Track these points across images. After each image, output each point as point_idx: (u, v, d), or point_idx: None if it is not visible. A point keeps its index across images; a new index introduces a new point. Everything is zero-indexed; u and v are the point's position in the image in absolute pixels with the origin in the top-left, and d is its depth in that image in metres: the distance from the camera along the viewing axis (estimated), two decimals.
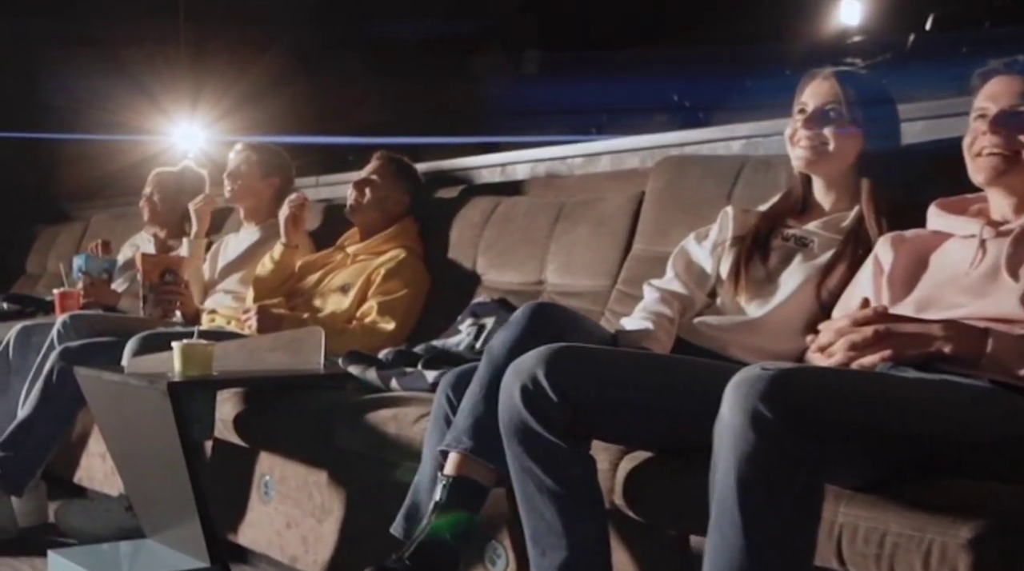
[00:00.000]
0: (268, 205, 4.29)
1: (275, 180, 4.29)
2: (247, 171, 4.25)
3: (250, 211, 4.30)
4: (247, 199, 4.27)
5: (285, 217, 3.91)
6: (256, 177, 4.26)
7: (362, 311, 3.62)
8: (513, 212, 3.64)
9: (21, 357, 3.94)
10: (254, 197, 4.27)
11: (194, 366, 2.85)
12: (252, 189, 4.26)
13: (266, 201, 4.28)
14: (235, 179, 4.25)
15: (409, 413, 2.64)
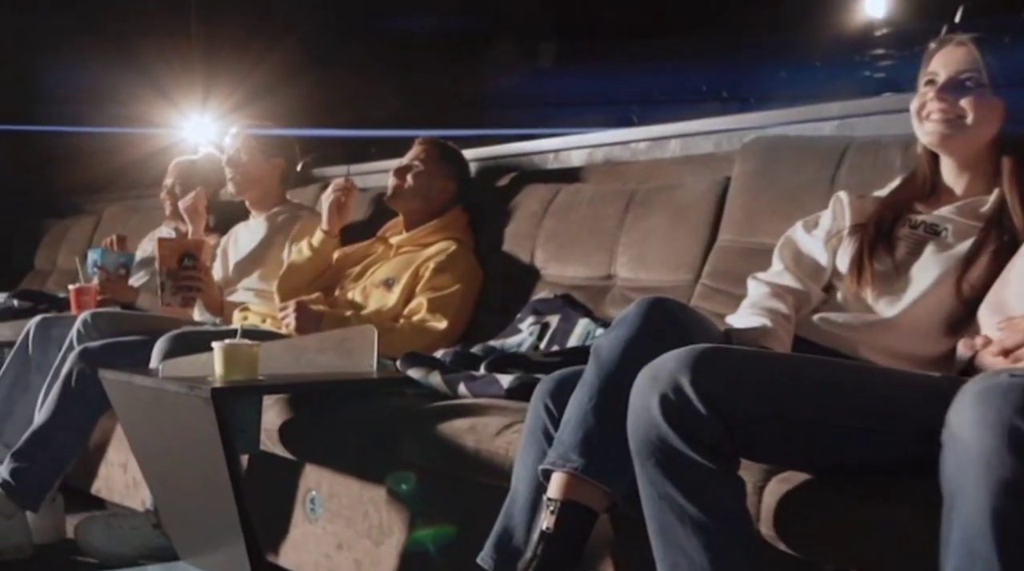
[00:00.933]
0: (276, 191, 3.93)
1: (279, 162, 3.92)
2: (248, 157, 3.88)
3: (257, 200, 3.93)
4: (253, 187, 3.90)
5: (330, 202, 3.53)
6: (258, 161, 3.89)
7: (410, 308, 3.26)
8: (575, 201, 3.27)
9: (41, 352, 3.57)
10: (260, 184, 3.90)
11: (238, 369, 2.49)
12: (256, 175, 3.89)
13: (273, 187, 3.92)
14: (236, 167, 3.88)
15: (489, 424, 2.28)
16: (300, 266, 3.53)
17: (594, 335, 2.91)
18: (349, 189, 3.56)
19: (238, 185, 3.86)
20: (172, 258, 3.55)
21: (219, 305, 3.60)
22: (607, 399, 1.87)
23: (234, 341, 2.50)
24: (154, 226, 4.76)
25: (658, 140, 3.39)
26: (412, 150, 3.55)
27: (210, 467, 2.46)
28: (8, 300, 4.29)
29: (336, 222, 3.55)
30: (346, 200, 3.55)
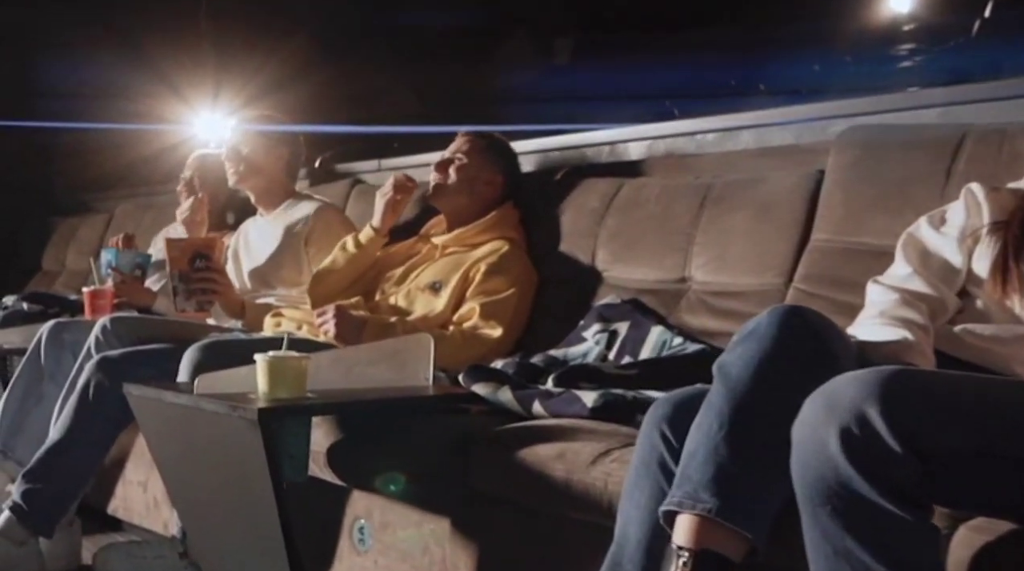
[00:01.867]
0: (281, 184, 3.60)
1: (283, 152, 3.59)
2: (248, 149, 3.55)
3: (261, 195, 3.61)
4: (254, 180, 3.57)
5: (387, 199, 3.19)
6: (259, 153, 3.57)
7: (460, 314, 2.92)
8: (641, 196, 2.94)
9: (54, 360, 3.23)
10: (263, 178, 3.57)
11: (285, 386, 2.15)
12: (257, 168, 3.56)
13: (277, 179, 3.59)
14: (235, 161, 3.56)
15: (581, 450, 1.94)
16: (339, 267, 3.19)
17: (671, 345, 2.59)
18: (410, 187, 3.23)
19: (237, 176, 3.54)
20: (183, 259, 3.20)
21: (239, 307, 3.26)
22: (741, 427, 1.55)
23: (280, 354, 2.16)
24: (169, 224, 4.42)
25: (728, 131, 3.06)
26: (454, 142, 3.21)
27: (252, 495, 2.12)
28: (17, 303, 3.94)
29: (389, 221, 3.22)
30: (406, 198, 3.22)
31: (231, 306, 3.24)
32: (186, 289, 3.17)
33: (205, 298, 3.18)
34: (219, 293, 3.20)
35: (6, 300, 4.02)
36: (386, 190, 3.21)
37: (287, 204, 3.53)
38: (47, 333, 3.28)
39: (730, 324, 2.56)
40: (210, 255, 3.20)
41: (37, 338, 3.28)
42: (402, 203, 3.22)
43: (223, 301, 3.22)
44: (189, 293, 3.17)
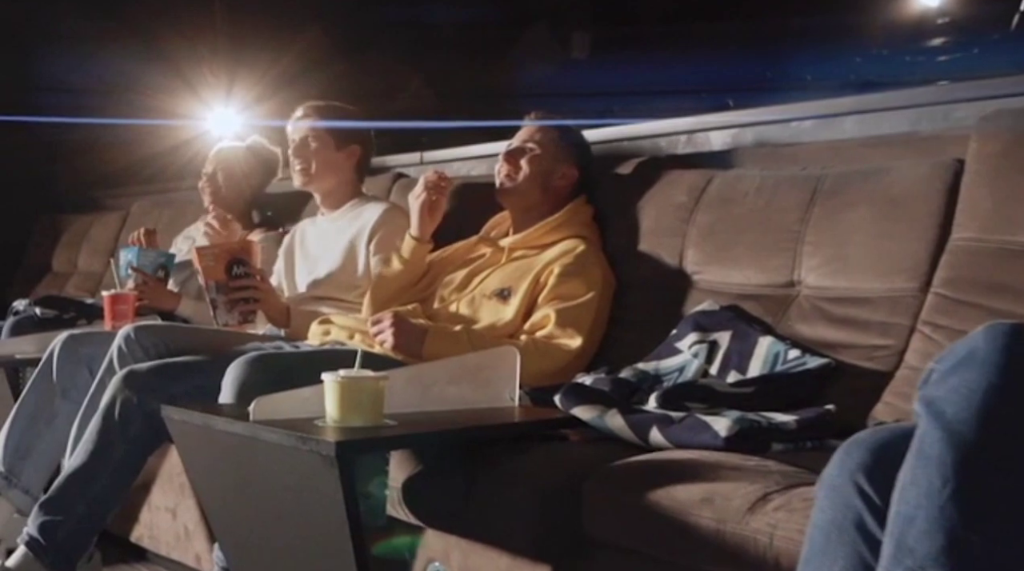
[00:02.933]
0: (350, 182, 3.20)
1: (355, 148, 3.19)
2: (318, 144, 3.14)
3: (328, 194, 3.19)
4: (324, 179, 3.16)
5: (420, 202, 2.80)
6: (331, 148, 3.15)
7: (533, 322, 2.54)
8: (737, 190, 2.55)
9: (68, 375, 2.85)
10: (331, 175, 3.16)
11: (360, 411, 1.77)
12: (328, 164, 3.15)
13: (347, 178, 3.19)
14: (304, 157, 3.14)
15: (732, 494, 1.56)
16: (389, 280, 2.82)
17: (786, 358, 2.21)
18: (443, 185, 2.83)
19: (305, 176, 3.12)
20: (218, 269, 2.81)
21: (284, 314, 2.87)
22: (973, 483, 1.18)
23: (355, 373, 1.78)
24: (189, 222, 4.03)
25: (827, 118, 2.68)
26: (523, 130, 2.83)
27: (322, 539, 1.74)
28: (28, 308, 3.54)
29: (428, 225, 2.83)
30: (440, 197, 2.83)
31: (276, 314, 2.85)
32: (226, 301, 2.77)
33: (248, 308, 2.79)
34: (262, 301, 2.80)
35: (16, 304, 3.62)
36: (418, 192, 2.82)
37: (352, 204, 3.15)
38: (60, 346, 2.89)
39: (854, 334, 2.20)
40: (247, 260, 2.81)
41: (50, 351, 2.89)
42: (438, 204, 2.83)
43: (267, 309, 2.83)
44: (230, 305, 2.78)
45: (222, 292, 2.77)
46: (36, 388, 2.87)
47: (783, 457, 1.79)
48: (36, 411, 2.84)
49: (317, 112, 3.13)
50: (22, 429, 2.83)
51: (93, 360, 2.83)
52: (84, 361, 2.86)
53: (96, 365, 2.78)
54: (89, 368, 2.83)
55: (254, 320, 2.82)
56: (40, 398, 2.85)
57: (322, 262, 3.05)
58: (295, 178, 3.13)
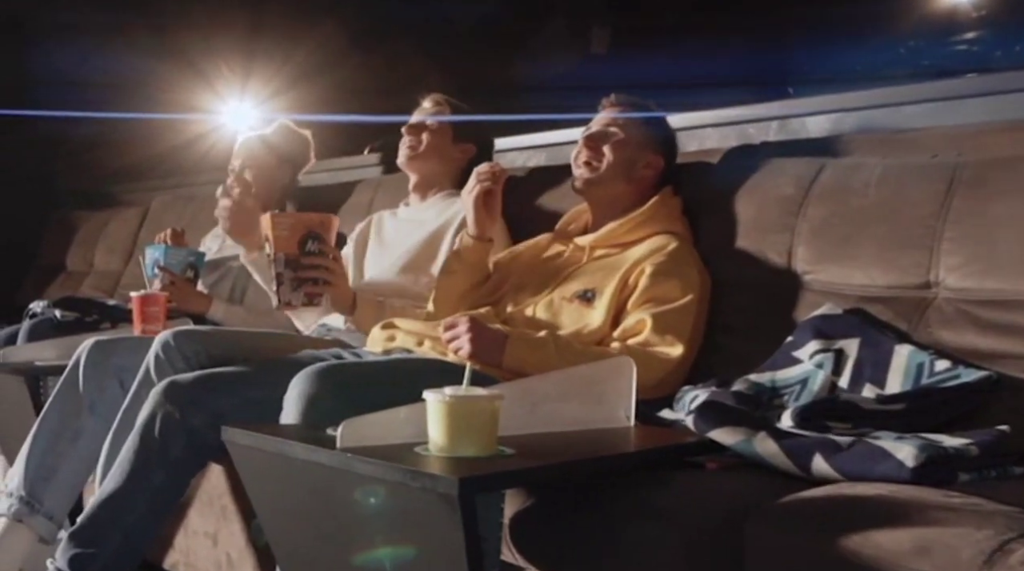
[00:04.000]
0: (451, 178, 2.87)
1: (470, 147, 2.87)
2: (439, 128, 2.82)
3: (424, 180, 2.86)
4: (428, 163, 2.83)
5: (475, 196, 2.47)
6: (447, 137, 2.83)
7: (626, 328, 2.21)
8: (855, 180, 2.22)
9: (96, 388, 2.51)
10: (438, 162, 2.83)
11: (472, 438, 1.44)
12: (438, 150, 2.82)
13: (450, 172, 2.86)
14: (415, 135, 2.82)
15: (955, 543, 1.23)
16: (450, 283, 2.49)
17: (933, 370, 1.89)
18: (498, 175, 2.50)
19: (412, 152, 2.81)
20: (292, 241, 2.43)
21: (351, 301, 2.52)
22: None
23: (461, 393, 1.45)
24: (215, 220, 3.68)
25: (943, 102, 2.36)
26: (603, 112, 2.50)
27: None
28: (47, 310, 3.18)
29: (485, 222, 2.49)
30: (496, 190, 2.49)
31: (343, 300, 2.49)
32: (294, 278, 2.42)
33: (316, 290, 2.44)
34: (333, 284, 2.46)
35: (34, 306, 3.26)
36: (471, 186, 2.48)
37: (442, 195, 2.83)
38: (87, 354, 2.55)
39: (1013, 343, 1.87)
40: (324, 236, 2.45)
41: (75, 359, 2.55)
42: (494, 197, 2.49)
43: (336, 294, 2.48)
44: (297, 283, 2.42)
45: (291, 267, 2.41)
46: (60, 401, 2.53)
47: (972, 489, 1.47)
48: (60, 427, 2.51)
49: (447, 105, 2.83)
50: (44, 448, 2.50)
51: (124, 371, 2.50)
52: (113, 372, 2.53)
53: (127, 377, 2.45)
54: (119, 380, 2.51)
55: (320, 303, 2.47)
56: (64, 413, 2.52)
57: (398, 252, 2.73)
58: (400, 155, 2.81)
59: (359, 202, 3.31)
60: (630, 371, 1.76)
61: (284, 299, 2.43)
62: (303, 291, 2.44)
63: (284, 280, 2.42)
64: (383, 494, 1.40)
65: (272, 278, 2.43)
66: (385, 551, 1.47)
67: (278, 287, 2.42)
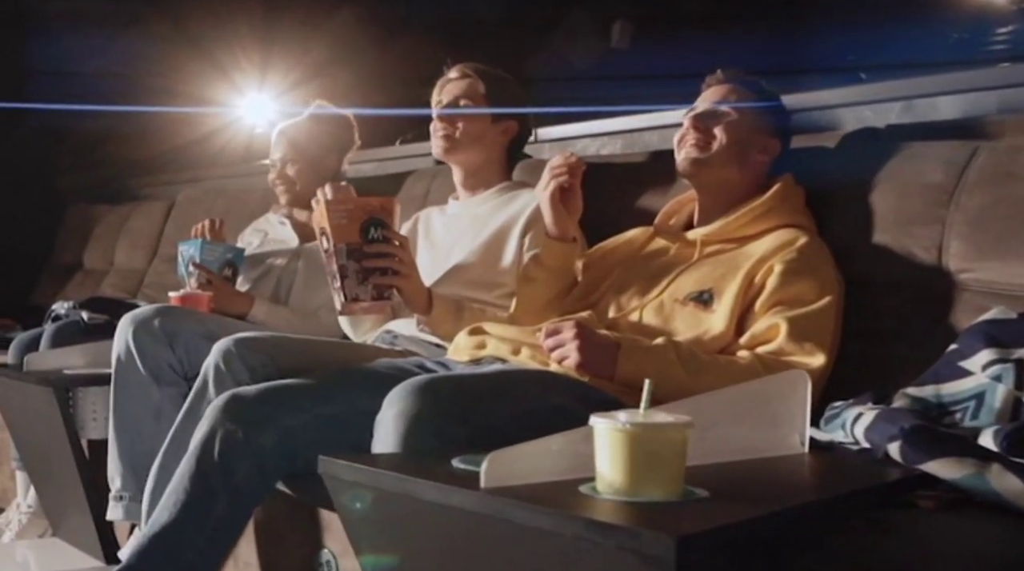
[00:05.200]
0: (499, 164, 2.55)
1: (511, 124, 2.54)
2: (471, 107, 2.49)
3: (471, 172, 2.52)
4: (469, 153, 2.49)
5: (550, 193, 2.14)
6: (484, 117, 2.49)
7: (755, 335, 1.89)
8: (1016, 165, 1.91)
9: (153, 358, 2.21)
10: (481, 150, 2.50)
11: (659, 476, 1.12)
12: (477, 136, 2.49)
13: (497, 157, 2.54)
14: (449, 122, 2.47)
15: None
16: (533, 290, 2.16)
17: None
18: (575, 167, 2.16)
19: (448, 143, 2.45)
20: (352, 229, 2.09)
21: (426, 297, 2.19)
22: None
23: (645, 419, 1.13)
24: (252, 212, 3.35)
25: None
26: (709, 90, 2.17)
27: None
28: (72, 312, 2.84)
29: (565, 221, 2.16)
30: (572, 185, 2.16)
31: (417, 294, 2.16)
32: (359, 269, 2.08)
33: (386, 281, 2.10)
34: (404, 275, 2.13)
35: (57, 308, 2.92)
36: (545, 181, 2.15)
37: (500, 189, 2.50)
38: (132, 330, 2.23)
39: None
40: (388, 222, 2.12)
41: (123, 344, 2.22)
42: (573, 192, 2.16)
43: (409, 288, 2.14)
44: (363, 276, 2.09)
45: (354, 258, 2.08)
46: (123, 391, 2.22)
47: None
48: (137, 412, 2.19)
49: (478, 75, 2.48)
50: (131, 444, 2.18)
51: (175, 337, 2.20)
52: (163, 339, 2.23)
53: (179, 343, 2.15)
54: (171, 346, 2.20)
55: (391, 296, 2.13)
56: (134, 399, 2.20)
57: (455, 254, 2.39)
58: (434, 146, 2.47)
59: (413, 194, 2.99)
60: (805, 388, 1.44)
61: (351, 294, 2.10)
62: (371, 283, 2.11)
63: (348, 273, 2.09)
64: (550, 550, 1.08)
65: (334, 275, 2.11)
66: None
67: (342, 282, 2.09)
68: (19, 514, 2.78)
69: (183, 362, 2.23)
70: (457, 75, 2.53)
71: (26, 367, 2.49)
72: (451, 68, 2.57)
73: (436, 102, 2.54)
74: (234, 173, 3.85)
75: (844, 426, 1.63)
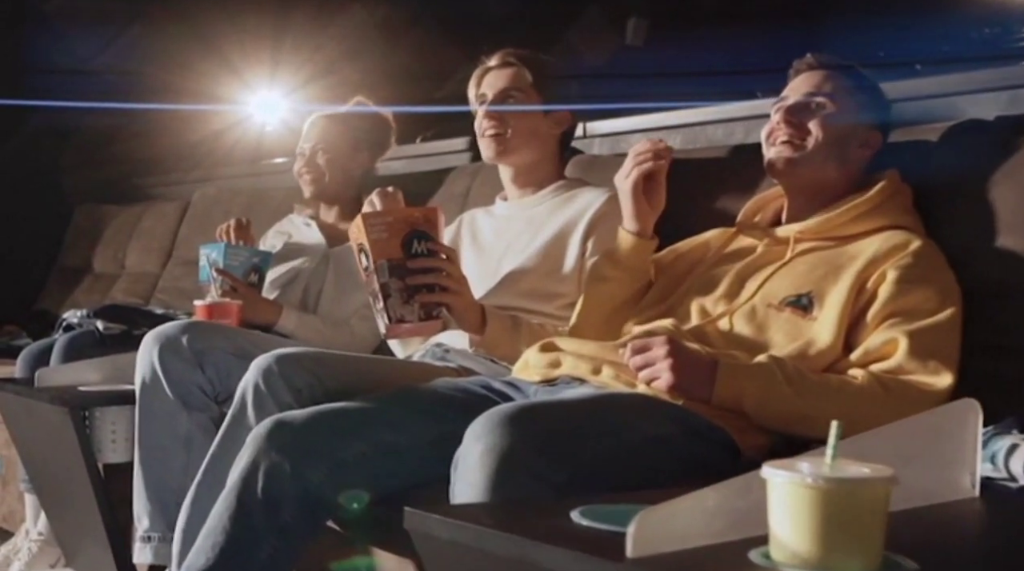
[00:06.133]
0: (554, 160, 2.30)
1: (565, 115, 2.29)
2: (521, 100, 2.23)
3: (524, 171, 2.27)
4: (523, 151, 2.23)
5: (632, 181, 1.88)
6: (533, 115, 2.24)
7: (870, 350, 1.64)
8: None
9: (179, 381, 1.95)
10: (535, 146, 2.24)
11: (860, 544, 0.87)
12: (531, 132, 2.23)
13: (551, 153, 2.29)
14: (500, 120, 2.20)
15: None
16: (605, 292, 1.91)
17: None
18: (663, 153, 1.90)
19: (500, 145, 2.19)
20: (393, 243, 1.84)
21: (478, 314, 1.93)
22: None
23: (838, 475, 0.88)
24: (269, 216, 3.10)
25: None
26: (799, 78, 1.92)
27: None
28: (86, 321, 2.57)
29: (648, 214, 1.89)
30: (657, 175, 1.90)
31: (469, 311, 1.90)
32: (403, 287, 1.82)
33: (433, 299, 1.85)
34: (453, 291, 1.87)
35: (69, 316, 2.65)
36: (627, 169, 1.89)
37: (556, 187, 2.24)
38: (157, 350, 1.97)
39: None
40: (432, 234, 1.87)
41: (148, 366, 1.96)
42: (657, 182, 1.90)
43: (458, 303, 1.89)
44: (408, 293, 1.83)
45: (397, 275, 1.82)
46: (149, 418, 1.96)
47: None
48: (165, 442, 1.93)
49: (522, 62, 2.22)
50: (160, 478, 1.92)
51: (204, 356, 1.94)
52: (191, 359, 1.97)
53: (208, 363, 1.90)
54: (200, 367, 1.94)
55: (440, 315, 1.87)
56: (161, 427, 1.94)
57: (508, 261, 2.13)
58: (485, 148, 2.22)
59: (452, 193, 2.73)
60: (976, 420, 1.20)
61: (395, 315, 1.84)
62: (417, 302, 1.85)
63: (391, 291, 1.83)
64: None
65: (375, 295, 1.85)
66: None
67: (384, 302, 1.83)
68: (29, 542, 2.53)
69: (213, 383, 1.98)
70: (498, 63, 2.28)
71: (38, 383, 2.24)
72: (489, 56, 2.32)
73: (477, 96, 2.29)
74: (249, 171, 3.62)
75: (995, 459, 1.39)
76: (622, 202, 1.91)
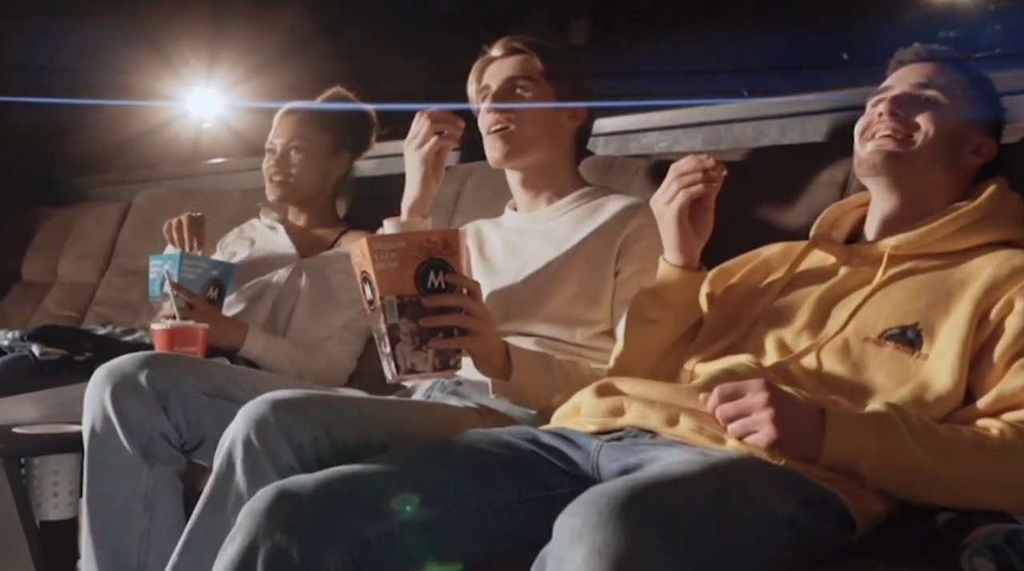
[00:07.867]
0: (569, 162, 1.94)
1: (581, 112, 1.93)
2: (533, 95, 1.87)
3: (537, 175, 1.89)
4: (536, 151, 1.86)
5: (678, 208, 1.50)
6: (543, 115, 1.87)
7: (1002, 395, 1.31)
8: None
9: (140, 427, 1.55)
10: (549, 145, 1.88)
11: None
12: (548, 129, 1.87)
13: (566, 154, 1.93)
14: (507, 117, 1.84)
15: None
16: (650, 337, 1.55)
17: None
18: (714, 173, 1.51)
19: (509, 145, 1.82)
20: (405, 277, 1.43)
21: (504, 358, 1.54)
22: None
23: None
24: (226, 222, 2.68)
25: None
26: (907, 71, 1.57)
27: None
28: (19, 344, 2.11)
29: (694, 244, 1.53)
30: (708, 195, 1.52)
31: (492, 358, 1.52)
32: (414, 330, 1.43)
33: (452, 345, 1.45)
34: (475, 333, 1.48)
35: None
36: (670, 194, 1.52)
37: (580, 194, 1.86)
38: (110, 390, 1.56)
39: None
40: (452, 263, 1.47)
41: (98, 407, 1.55)
42: (706, 207, 1.51)
43: (481, 347, 1.51)
44: (423, 337, 1.43)
45: (408, 315, 1.42)
46: (101, 474, 1.54)
47: None
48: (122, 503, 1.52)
49: (531, 49, 1.85)
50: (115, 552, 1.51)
51: (167, 396, 1.53)
52: (153, 400, 1.55)
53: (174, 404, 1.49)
54: (164, 410, 1.53)
55: (458, 364, 1.48)
56: (117, 482, 1.53)
57: (526, 281, 1.76)
58: (491, 149, 1.84)
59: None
60: None
61: (404, 364, 1.43)
62: (432, 348, 1.45)
63: (401, 335, 1.43)
64: None
65: (381, 337, 1.45)
66: None
67: (392, 348, 1.43)
68: None
69: (180, 430, 1.57)
70: (503, 52, 1.91)
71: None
72: (491, 46, 1.95)
73: (478, 91, 1.92)
74: (196, 171, 3.21)
75: None
76: (664, 230, 1.55)
